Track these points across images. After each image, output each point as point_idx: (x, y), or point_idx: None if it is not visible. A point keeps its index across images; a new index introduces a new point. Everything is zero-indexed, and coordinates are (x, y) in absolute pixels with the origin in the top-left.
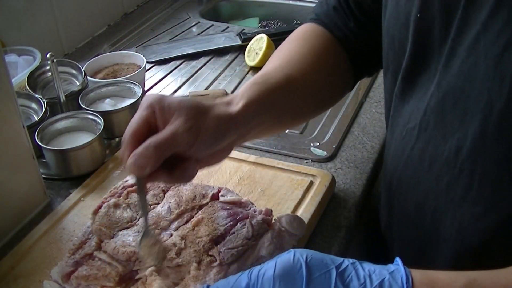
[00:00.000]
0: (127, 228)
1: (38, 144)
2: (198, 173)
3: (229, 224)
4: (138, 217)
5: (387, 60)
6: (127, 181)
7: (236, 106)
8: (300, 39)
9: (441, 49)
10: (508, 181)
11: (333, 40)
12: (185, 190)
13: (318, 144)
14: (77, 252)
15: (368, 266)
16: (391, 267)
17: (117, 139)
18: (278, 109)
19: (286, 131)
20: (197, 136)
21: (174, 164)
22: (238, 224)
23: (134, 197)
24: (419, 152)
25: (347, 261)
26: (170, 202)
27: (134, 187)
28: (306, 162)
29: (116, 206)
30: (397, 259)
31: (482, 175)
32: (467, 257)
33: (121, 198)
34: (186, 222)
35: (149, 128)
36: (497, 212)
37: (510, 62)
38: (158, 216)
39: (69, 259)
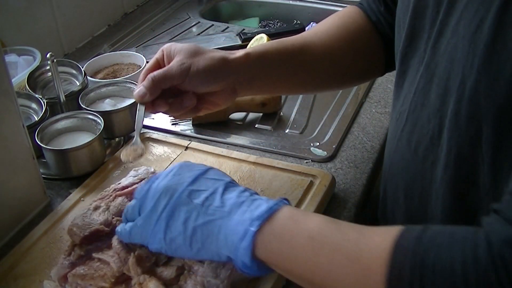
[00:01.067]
0: (98, 230)
1: (38, 144)
2: None
3: None
4: (113, 220)
5: (395, 46)
6: (119, 183)
7: (235, 54)
8: (336, 16)
9: (431, 31)
10: (481, 161)
11: (369, 23)
12: None
13: (318, 144)
14: (71, 254)
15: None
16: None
17: (117, 139)
18: (285, 67)
19: (286, 131)
20: (187, 71)
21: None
22: None
23: (119, 200)
24: (408, 135)
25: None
26: None
27: (123, 191)
28: (306, 162)
29: (96, 209)
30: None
31: (457, 155)
32: None
33: (105, 201)
34: None
35: (159, 68)
36: (476, 191)
37: (481, 40)
38: None
39: (64, 260)
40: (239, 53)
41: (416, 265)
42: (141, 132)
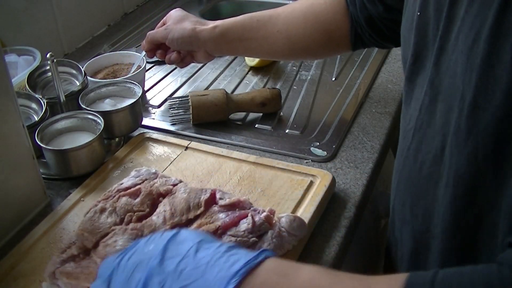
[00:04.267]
0: (109, 233)
1: (38, 144)
2: (198, 173)
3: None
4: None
5: (402, 63)
6: (122, 183)
7: (204, 26)
8: None
9: (433, 47)
10: (481, 178)
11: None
12: (179, 198)
13: (318, 144)
14: (65, 252)
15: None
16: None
17: (117, 139)
18: (247, 42)
19: (286, 131)
20: (167, 36)
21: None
22: (240, 221)
23: (123, 200)
24: (414, 153)
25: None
26: (165, 211)
27: (127, 191)
28: (306, 162)
29: (102, 211)
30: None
31: (456, 172)
32: (452, 255)
33: (109, 202)
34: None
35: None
36: (475, 210)
37: (477, 54)
38: (154, 226)
39: (57, 257)
40: (208, 25)
41: None
42: (141, 132)
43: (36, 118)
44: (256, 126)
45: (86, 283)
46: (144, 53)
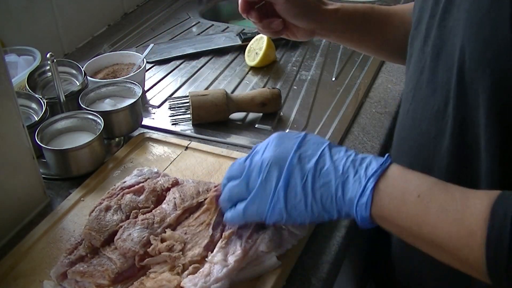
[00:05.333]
0: (117, 230)
1: (38, 144)
2: (198, 173)
3: None
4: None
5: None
6: (125, 182)
7: (328, 6)
8: None
9: (436, 10)
10: (482, 127)
11: None
12: (188, 186)
13: None
14: (73, 253)
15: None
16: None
17: (116, 139)
18: (365, 31)
19: (286, 131)
20: (285, 2)
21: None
22: None
23: (128, 198)
24: (412, 113)
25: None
26: (175, 198)
27: (131, 188)
28: None
29: (108, 209)
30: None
31: (463, 122)
32: None
33: (114, 200)
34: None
35: None
36: (479, 158)
37: (478, 10)
38: (164, 213)
39: (65, 259)
40: (331, 6)
41: None
42: (141, 132)
43: (36, 118)
44: (256, 126)
45: (102, 279)
46: (145, 53)
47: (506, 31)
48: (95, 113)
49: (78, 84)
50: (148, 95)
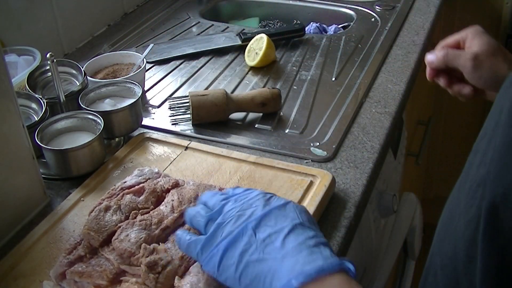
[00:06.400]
0: (116, 231)
1: (38, 144)
2: (198, 173)
3: None
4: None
5: None
6: (125, 182)
7: None
8: None
9: None
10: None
11: None
12: (188, 189)
13: (318, 144)
14: (72, 253)
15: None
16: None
17: (116, 139)
18: None
19: (286, 131)
20: (477, 69)
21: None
22: None
23: (127, 198)
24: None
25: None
26: (173, 201)
27: (131, 189)
28: (306, 162)
29: (107, 209)
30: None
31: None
32: None
33: (114, 200)
34: None
35: (457, 45)
36: None
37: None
38: (162, 215)
39: (64, 259)
40: None
41: None
42: (141, 132)
43: (36, 118)
44: (256, 126)
45: (100, 280)
46: (145, 53)
47: None
48: (95, 113)
49: (78, 84)
50: (148, 95)
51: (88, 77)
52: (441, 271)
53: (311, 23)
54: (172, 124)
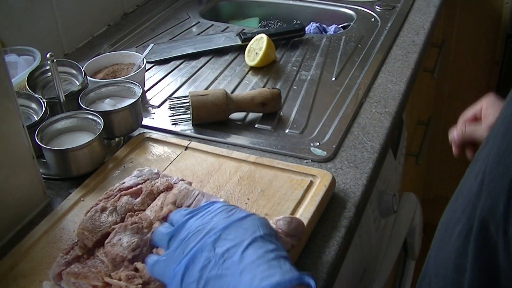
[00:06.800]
0: (110, 232)
1: (38, 144)
2: (198, 173)
3: None
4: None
5: None
6: (124, 183)
7: None
8: None
9: None
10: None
11: None
12: (170, 194)
13: (318, 144)
14: (69, 253)
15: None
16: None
17: (116, 139)
18: None
19: (286, 131)
20: None
21: None
22: None
23: (124, 199)
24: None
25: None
26: (156, 205)
27: (128, 190)
28: (306, 162)
29: (103, 210)
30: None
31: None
32: None
33: (110, 201)
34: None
35: (475, 119)
36: None
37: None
38: (148, 219)
39: (61, 259)
40: None
41: None
42: (141, 132)
43: (36, 118)
44: (256, 126)
45: (96, 281)
46: (145, 53)
47: None
48: (95, 113)
49: (78, 84)
50: (148, 95)
51: (88, 77)
52: (434, 278)
53: (311, 23)
54: (172, 124)
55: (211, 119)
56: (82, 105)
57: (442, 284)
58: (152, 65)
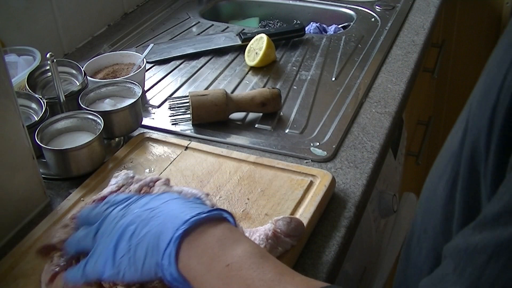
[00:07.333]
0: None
1: (38, 144)
2: (198, 173)
3: None
4: None
5: None
6: (100, 194)
7: None
8: None
9: None
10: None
11: None
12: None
13: (318, 144)
14: (55, 259)
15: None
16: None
17: (116, 139)
18: None
19: (286, 131)
20: None
21: None
22: None
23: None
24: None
25: None
26: None
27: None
28: (306, 162)
29: (65, 226)
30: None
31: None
32: None
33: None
34: None
35: None
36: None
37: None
38: None
39: (51, 265)
40: None
41: None
42: (141, 132)
43: (36, 118)
44: (256, 126)
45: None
46: (145, 53)
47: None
48: (95, 113)
49: (78, 84)
50: (148, 95)
51: (88, 77)
52: (423, 234)
53: (311, 23)
54: (172, 124)
55: (211, 119)
56: (82, 105)
57: (432, 235)
58: (152, 65)
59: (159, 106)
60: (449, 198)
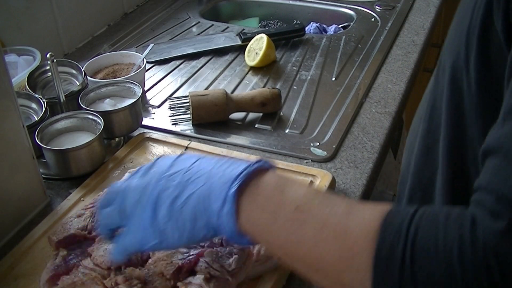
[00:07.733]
0: (75, 235)
1: (38, 144)
2: None
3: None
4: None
5: None
6: (99, 195)
7: None
8: None
9: None
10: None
11: None
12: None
13: (318, 144)
14: (57, 258)
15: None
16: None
17: (117, 139)
18: None
19: (286, 131)
20: None
21: None
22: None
23: None
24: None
25: None
26: None
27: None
28: (306, 162)
29: (79, 216)
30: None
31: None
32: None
33: (91, 209)
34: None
35: None
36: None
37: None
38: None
39: (51, 265)
40: None
41: (407, 245)
42: (141, 132)
43: (36, 118)
44: (256, 126)
45: (95, 285)
46: (145, 53)
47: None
48: (95, 113)
49: (78, 84)
50: (148, 95)
51: (88, 77)
52: (411, 176)
53: (311, 23)
54: (172, 124)
55: (211, 119)
56: (82, 105)
57: (417, 170)
58: (152, 65)
59: (159, 106)
60: (429, 118)
